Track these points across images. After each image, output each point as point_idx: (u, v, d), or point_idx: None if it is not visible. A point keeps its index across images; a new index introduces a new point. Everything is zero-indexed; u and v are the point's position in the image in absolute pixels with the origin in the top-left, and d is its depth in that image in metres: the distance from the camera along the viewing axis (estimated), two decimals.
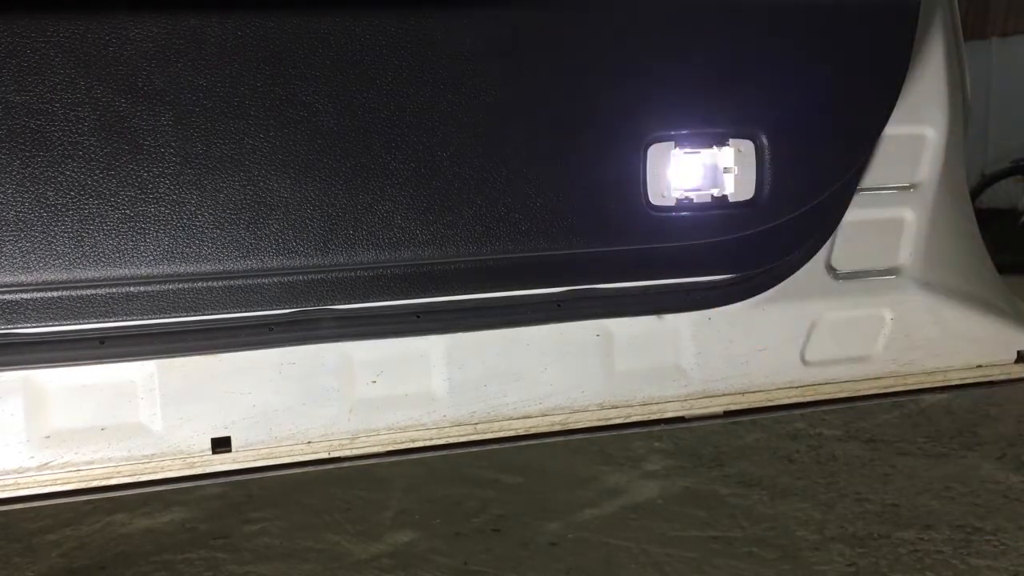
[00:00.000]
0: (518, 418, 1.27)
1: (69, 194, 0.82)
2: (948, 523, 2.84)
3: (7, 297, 0.92)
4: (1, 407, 1.10)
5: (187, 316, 1.01)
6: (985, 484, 3.15)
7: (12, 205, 0.82)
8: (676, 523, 2.89)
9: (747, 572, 2.51)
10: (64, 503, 1.19)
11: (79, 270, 0.87)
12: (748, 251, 1.27)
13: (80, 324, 0.99)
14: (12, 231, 0.82)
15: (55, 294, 0.93)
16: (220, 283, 0.98)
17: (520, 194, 0.95)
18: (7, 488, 1.12)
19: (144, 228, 0.86)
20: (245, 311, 1.03)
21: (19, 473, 1.12)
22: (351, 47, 0.87)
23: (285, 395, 1.18)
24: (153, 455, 1.15)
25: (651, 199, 1.13)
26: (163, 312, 0.99)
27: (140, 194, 0.84)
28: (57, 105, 0.80)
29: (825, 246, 1.36)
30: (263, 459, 1.19)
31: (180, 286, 0.96)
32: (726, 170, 1.20)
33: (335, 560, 2.68)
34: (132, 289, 0.95)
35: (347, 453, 1.22)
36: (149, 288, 0.96)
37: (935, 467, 3.32)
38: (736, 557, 2.63)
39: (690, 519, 2.89)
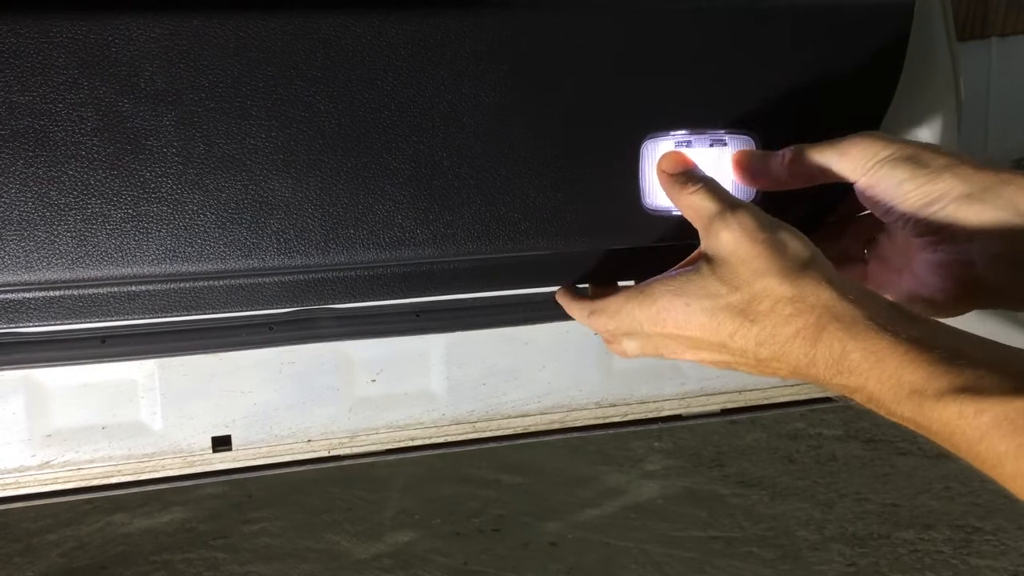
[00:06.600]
0: (517, 416, 1.28)
1: (72, 194, 0.83)
2: (948, 523, 2.84)
3: (9, 296, 0.92)
4: (3, 406, 1.11)
5: (188, 315, 1.02)
6: (985, 484, 3.15)
7: (15, 205, 0.82)
8: (676, 523, 2.90)
9: (747, 572, 2.52)
10: (64, 503, 1.20)
11: (81, 269, 0.87)
12: None
13: (81, 324, 1.00)
14: (15, 230, 0.83)
15: (57, 293, 0.93)
16: (221, 282, 0.98)
17: (520, 194, 0.95)
18: (8, 487, 1.13)
19: (146, 228, 0.86)
20: (245, 310, 1.03)
21: (21, 472, 1.13)
22: (353, 48, 0.88)
23: (285, 394, 1.19)
24: (154, 454, 1.16)
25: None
26: (164, 311, 0.99)
27: (142, 194, 0.85)
28: (60, 105, 0.81)
29: None
30: (263, 457, 1.20)
31: (181, 285, 0.97)
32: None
33: (335, 560, 2.68)
34: (133, 288, 0.96)
35: (347, 451, 1.22)
36: (150, 287, 0.96)
37: (935, 467, 3.32)
38: (736, 557, 2.63)
39: (690, 519, 2.90)
